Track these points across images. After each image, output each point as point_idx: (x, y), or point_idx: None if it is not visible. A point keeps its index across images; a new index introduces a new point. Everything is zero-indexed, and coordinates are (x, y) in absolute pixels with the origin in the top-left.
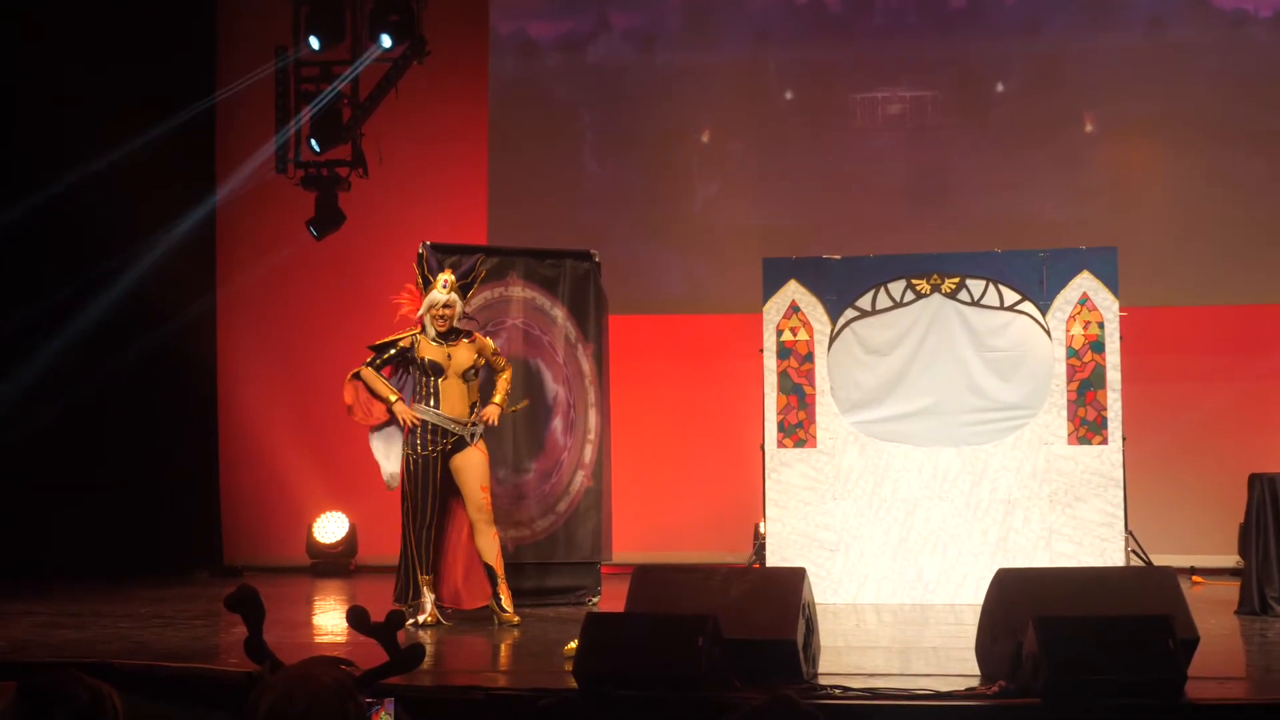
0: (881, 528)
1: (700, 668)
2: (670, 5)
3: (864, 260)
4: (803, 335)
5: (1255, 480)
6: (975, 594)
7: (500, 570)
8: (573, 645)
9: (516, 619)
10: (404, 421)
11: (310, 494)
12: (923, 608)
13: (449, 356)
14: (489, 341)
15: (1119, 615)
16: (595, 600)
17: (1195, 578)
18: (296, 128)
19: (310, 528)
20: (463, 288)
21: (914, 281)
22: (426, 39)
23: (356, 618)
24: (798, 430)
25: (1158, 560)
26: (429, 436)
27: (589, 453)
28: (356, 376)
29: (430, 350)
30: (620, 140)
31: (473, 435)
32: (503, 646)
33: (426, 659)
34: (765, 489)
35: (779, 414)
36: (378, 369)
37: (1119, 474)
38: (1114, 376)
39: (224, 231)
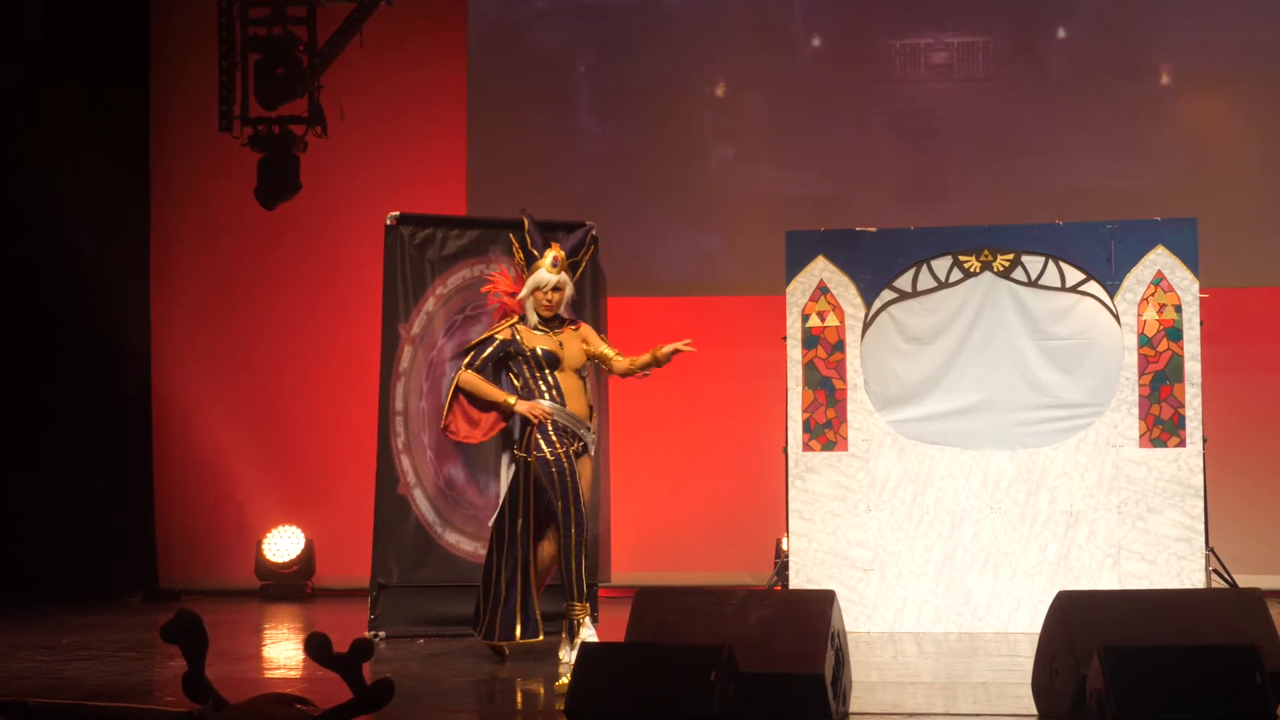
0: (923, 544)
1: (713, 706)
2: None
3: (903, 233)
4: (832, 320)
5: None
6: (1032, 621)
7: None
8: (566, 680)
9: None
10: (534, 417)
11: (260, 506)
12: (971, 636)
13: (561, 345)
14: (594, 333)
15: (1198, 645)
16: (591, 628)
17: None
18: (244, 78)
19: (260, 545)
20: (573, 266)
21: (961, 258)
22: None
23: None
24: (826, 431)
25: (1243, 581)
26: (557, 435)
27: None
28: (456, 389)
29: (539, 339)
30: (621, 95)
31: (594, 441)
32: (485, 682)
33: (397, 696)
34: (788, 499)
35: (804, 412)
36: (478, 371)
37: (1199, 481)
38: (1193, 368)
39: (160, 202)
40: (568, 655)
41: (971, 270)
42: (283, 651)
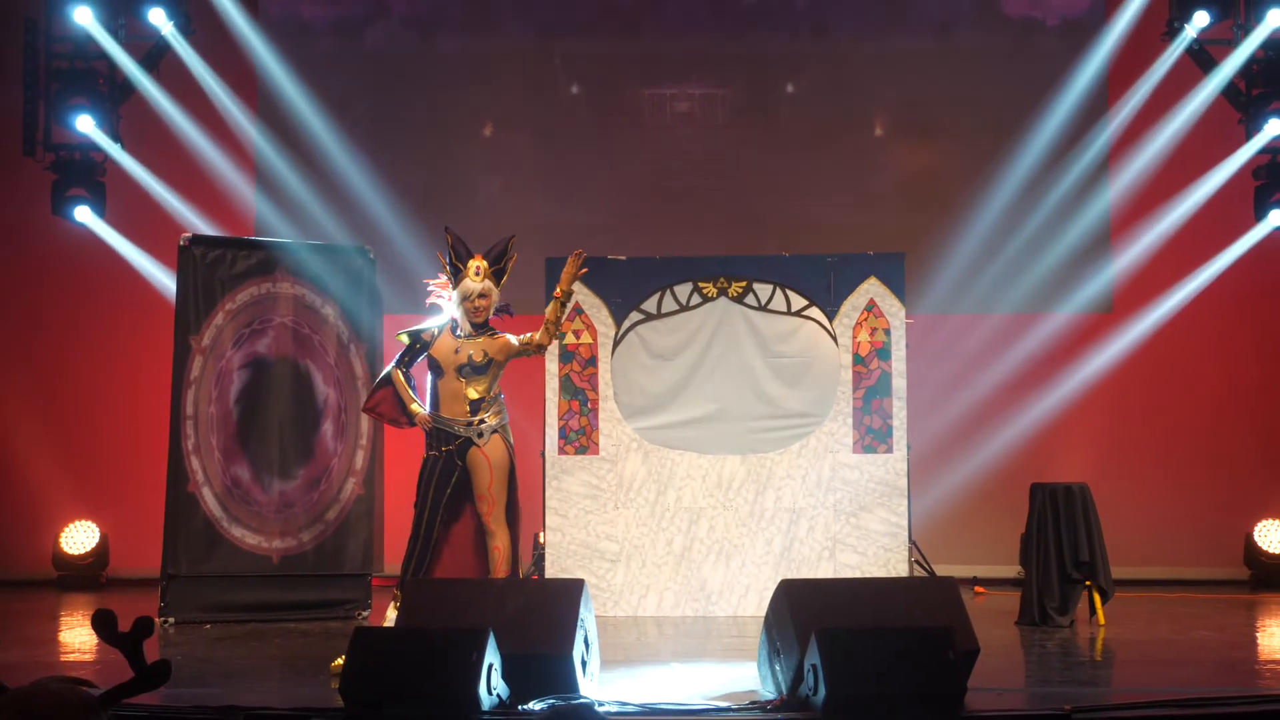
0: (664, 537)
1: (475, 684)
2: None
3: (650, 262)
4: (586, 339)
5: (1036, 490)
6: (759, 605)
7: None
8: (340, 662)
9: None
10: (421, 426)
11: (57, 503)
12: (705, 620)
13: (457, 351)
14: (512, 340)
15: (900, 627)
16: (365, 614)
17: (977, 588)
18: (47, 107)
19: (57, 538)
20: (496, 273)
21: (700, 284)
22: (192, 17)
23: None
24: (580, 436)
25: (941, 571)
26: (434, 439)
27: (361, 459)
28: (387, 379)
29: (443, 345)
30: (397, 132)
31: (480, 434)
32: (265, 663)
33: (181, 673)
34: (545, 497)
35: (560, 419)
36: (407, 366)
37: (904, 483)
38: (899, 384)
39: None
40: None
41: (709, 295)
42: (77, 636)
